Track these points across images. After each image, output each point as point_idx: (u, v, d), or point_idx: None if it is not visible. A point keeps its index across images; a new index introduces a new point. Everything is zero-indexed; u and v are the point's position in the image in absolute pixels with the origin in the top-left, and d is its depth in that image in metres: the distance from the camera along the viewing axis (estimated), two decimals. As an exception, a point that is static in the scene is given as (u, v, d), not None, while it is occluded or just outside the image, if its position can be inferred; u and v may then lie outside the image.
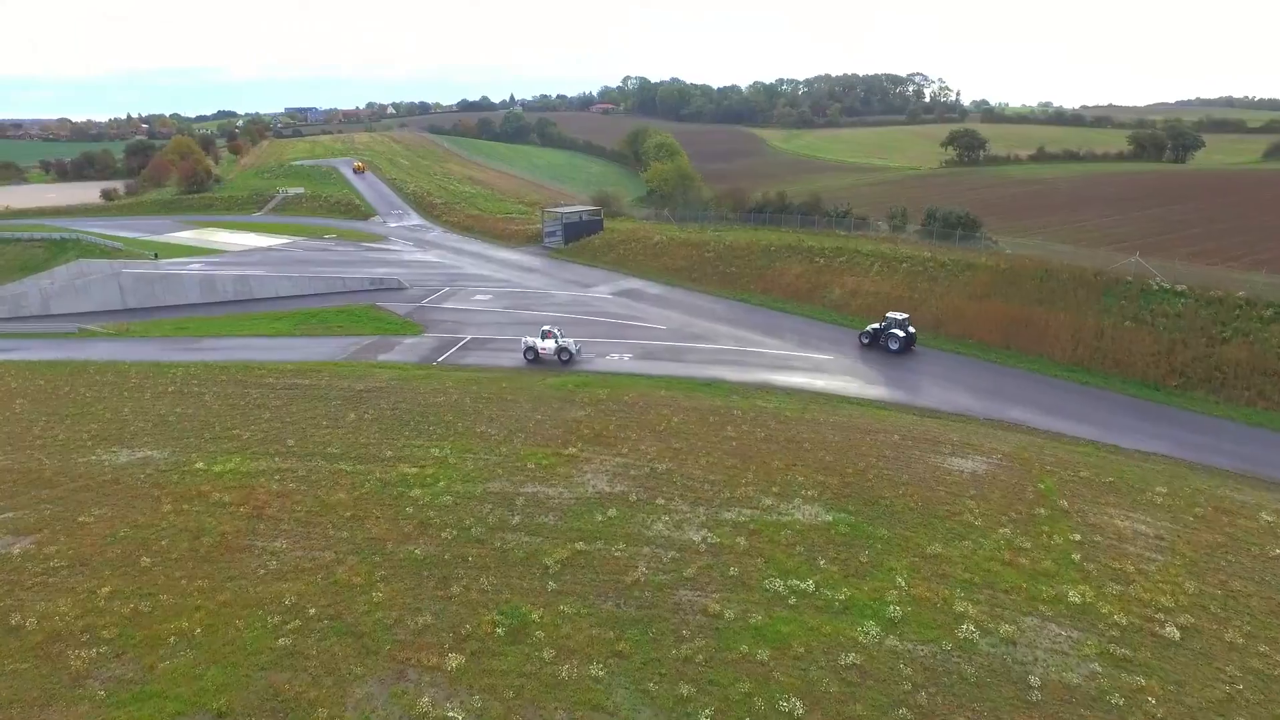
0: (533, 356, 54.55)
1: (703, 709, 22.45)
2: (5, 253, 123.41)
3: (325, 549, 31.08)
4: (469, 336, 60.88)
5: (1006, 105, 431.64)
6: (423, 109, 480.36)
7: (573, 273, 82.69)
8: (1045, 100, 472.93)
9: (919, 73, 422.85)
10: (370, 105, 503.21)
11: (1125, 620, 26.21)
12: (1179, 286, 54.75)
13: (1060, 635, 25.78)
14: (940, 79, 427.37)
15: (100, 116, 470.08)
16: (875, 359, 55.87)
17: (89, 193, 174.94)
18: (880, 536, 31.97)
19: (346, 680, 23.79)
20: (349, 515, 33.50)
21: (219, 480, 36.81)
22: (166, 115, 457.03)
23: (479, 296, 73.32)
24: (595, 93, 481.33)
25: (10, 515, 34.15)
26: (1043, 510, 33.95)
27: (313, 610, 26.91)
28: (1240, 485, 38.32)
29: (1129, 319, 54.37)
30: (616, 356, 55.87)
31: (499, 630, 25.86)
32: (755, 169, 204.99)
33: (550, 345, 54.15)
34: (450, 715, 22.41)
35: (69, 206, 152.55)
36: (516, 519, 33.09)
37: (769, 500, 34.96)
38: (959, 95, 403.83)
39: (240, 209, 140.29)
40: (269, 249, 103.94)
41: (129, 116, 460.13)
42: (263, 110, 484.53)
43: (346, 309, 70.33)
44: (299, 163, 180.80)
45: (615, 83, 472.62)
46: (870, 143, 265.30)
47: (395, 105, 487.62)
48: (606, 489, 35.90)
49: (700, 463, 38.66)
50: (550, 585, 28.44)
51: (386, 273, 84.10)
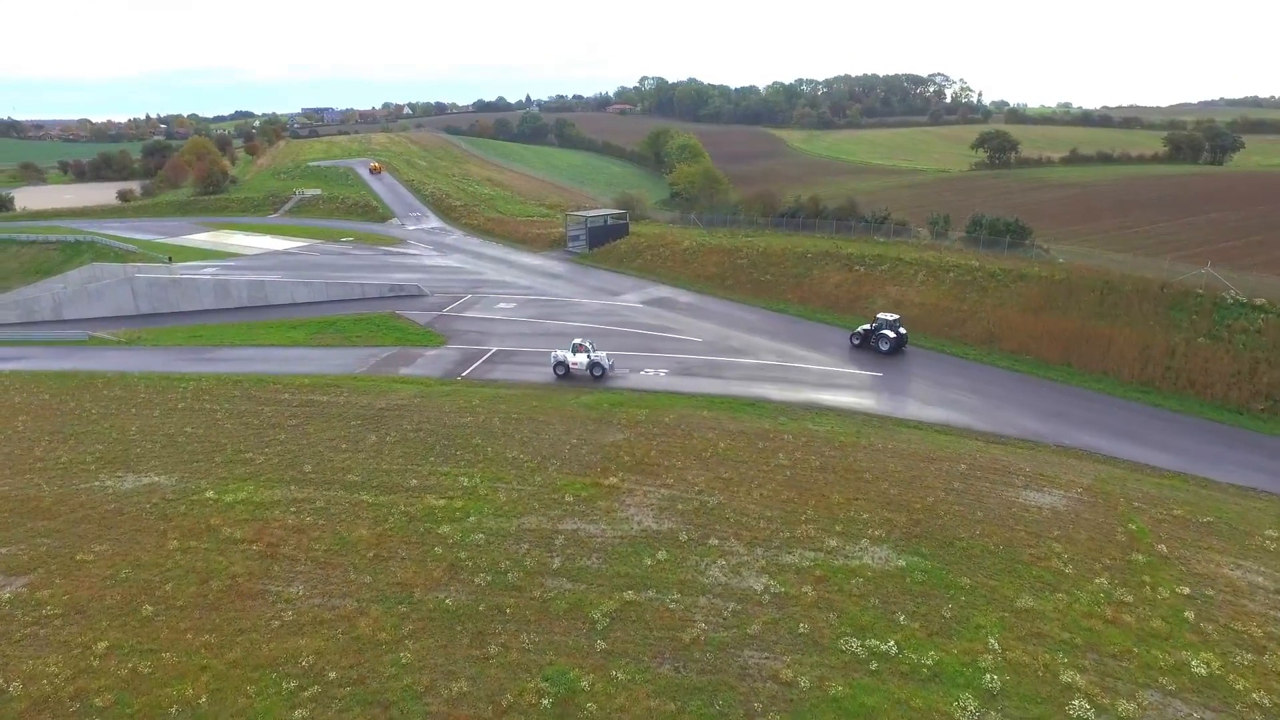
0: (563, 372, 51.40)
1: (790, 813, 19.20)
2: (21, 255, 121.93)
3: (346, 596, 28.02)
4: (494, 348, 57.81)
5: (1026, 106, 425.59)
6: (439, 109, 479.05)
7: (599, 279, 79.51)
8: (1064, 101, 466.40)
9: (940, 73, 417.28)
10: (386, 106, 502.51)
11: (1268, 701, 22.69)
12: (1257, 300, 50.95)
13: (1192, 718, 22.31)
14: (961, 79, 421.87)
15: (120, 117, 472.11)
16: (925, 375, 52.35)
17: (106, 193, 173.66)
18: (962, 586, 28.57)
19: (372, 767, 20.71)
20: (372, 555, 30.44)
21: (230, 512, 33.84)
22: (184, 116, 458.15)
23: (502, 305, 70.28)
24: (612, 93, 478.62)
25: (3, 551, 31.30)
26: (1140, 556, 30.42)
27: (333, 674, 23.81)
28: (1354, 527, 34.64)
29: (1202, 335, 50.60)
30: (651, 372, 52.63)
31: (544, 701, 22.70)
32: (777, 171, 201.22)
33: (582, 360, 50.98)
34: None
35: (85, 208, 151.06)
36: (557, 562, 29.92)
37: (833, 541, 31.64)
38: (980, 96, 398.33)
39: (256, 210, 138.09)
40: (285, 252, 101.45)
41: (147, 117, 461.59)
42: (280, 111, 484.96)
43: (365, 317, 67.47)
44: (315, 164, 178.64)
45: (631, 83, 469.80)
46: (893, 144, 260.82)
47: (411, 106, 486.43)
48: (653, 526, 32.69)
49: (753, 495, 35.38)
50: (599, 644, 25.24)
51: (406, 279, 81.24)
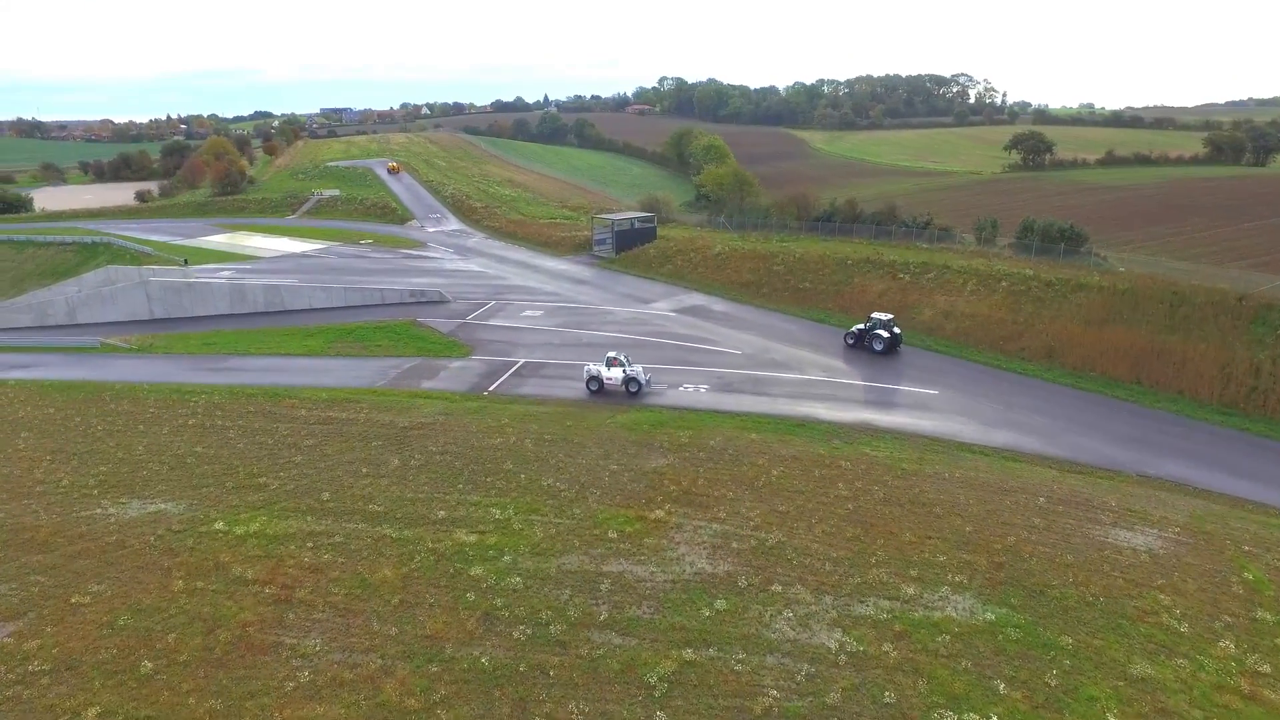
0: (596, 387, 48.18)
1: None
2: (37, 256, 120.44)
3: (369, 650, 24.90)
4: (521, 360, 54.67)
5: (1048, 106, 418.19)
6: (457, 109, 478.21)
7: (628, 286, 76.25)
8: (1086, 101, 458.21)
9: (963, 73, 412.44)
10: (404, 106, 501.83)
11: None
12: (1351, 315, 46.99)
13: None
14: (985, 80, 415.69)
15: (141, 118, 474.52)
16: (984, 393, 48.68)
17: (125, 194, 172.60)
18: (1063, 647, 25.09)
19: None
20: (397, 601, 27.31)
21: (241, 547, 30.83)
22: (204, 116, 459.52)
23: (529, 312, 67.15)
24: (630, 94, 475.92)
25: (-7, 591, 28.44)
26: (1267, 615, 26.81)
27: (355, 753, 20.69)
28: None
29: (1290, 353, 46.68)
30: (690, 388, 49.31)
31: (600, 793, 19.45)
32: (801, 172, 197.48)
33: (617, 374, 47.74)
34: None
35: (103, 208, 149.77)
36: (604, 611, 26.67)
37: (909, 588, 28.22)
38: (1005, 96, 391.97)
39: (274, 211, 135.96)
40: (302, 255, 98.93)
41: (168, 117, 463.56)
42: (298, 111, 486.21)
43: (385, 325, 64.54)
44: (334, 164, 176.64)
45: (649, 83, 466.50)
46: (918, 145, 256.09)
47: (429, 106, 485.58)
48: (708, 568, 29.40)
49: (815, 532, 32.02)
50: (658, 715, 21.99)
51: (427, 283, 78.35)
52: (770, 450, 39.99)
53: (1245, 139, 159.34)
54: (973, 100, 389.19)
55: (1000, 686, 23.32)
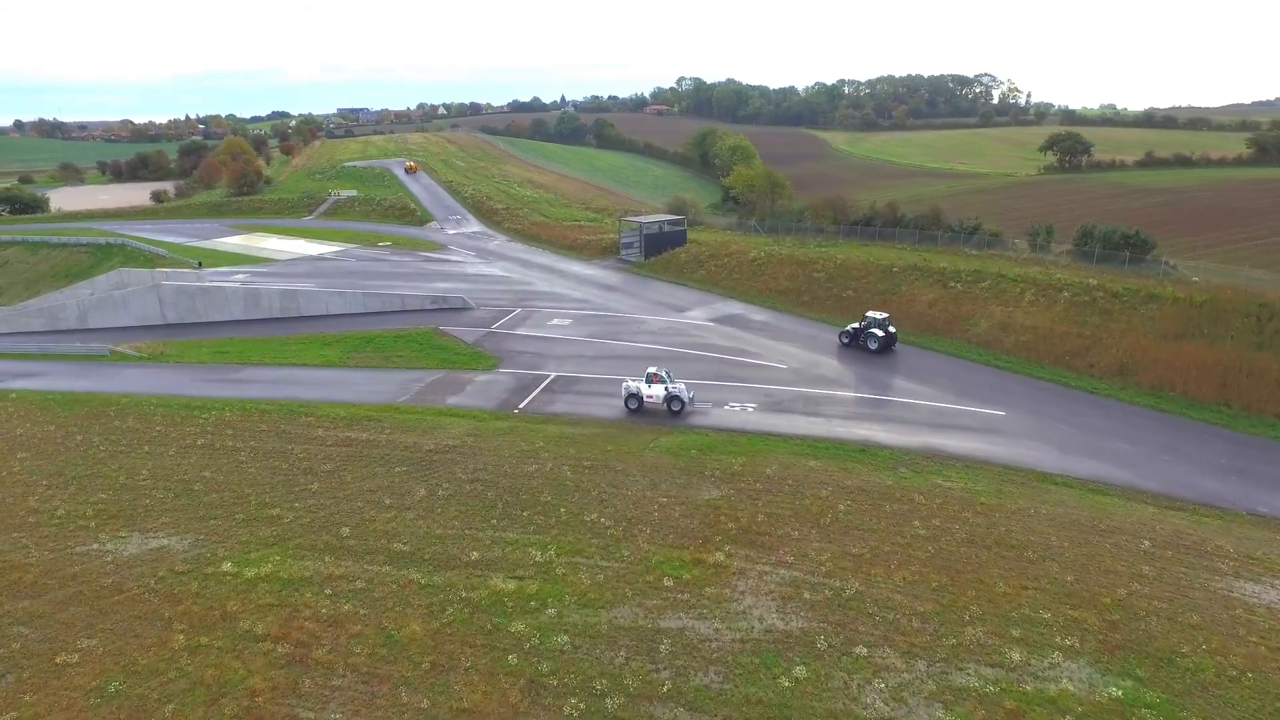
0: (635, 405, 44.54)
1: None
2: (51, 258, 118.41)
3: (396, 729, 21.40)
4: (552, 374, 51.08)
5: (1067, 107, 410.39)
6: (473, 110, 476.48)
7: (659, 292, 72.56)
8: (1108, 102, 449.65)
9: (987, 73, 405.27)
10: (421, 106, 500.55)
11: None
12: None
13: None
14: (1009, 80, 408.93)
15: (161, 118, 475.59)
16: (1056, 415, 44.66)
17: (141, 194, 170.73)
18: (1213, 736, 21.22)
19: None
20: (428, 665, 23.79)
21: (251, 593, 27.41)
22: (222, 116, 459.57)
23: (557, 321, 63.58)
24: (647, 94, 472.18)
25: (-29, 646, 25.14)
26: None
27: None
28: None
29: (1400, 373, 42.45)
30: (737, 406, 45.57)
31: None
32: (826, 174, 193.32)
33: (659, 392, 44.07)
34: None
35: (118, 209, 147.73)
36: (665, 679, 23.06)
37: (1014, 652, 24.44)
38: (1029, 97, 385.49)
39: (290, 212, 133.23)
40: (319, 257, 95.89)
41: (186, 118, 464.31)
42: (315, 111, 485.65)
43: (405, 333, 61.18)
44: (351, 164, 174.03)
45: (666, 84, 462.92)
46: (943, 147, 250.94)
47: (446, 106, 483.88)
48: (779, 624, 25.73)
49: (895, 580, 28.27)
50: (741, 824, 18.33)
51: (448, 289, 75.04)
52: (832, 480, 36.25)
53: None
54: (996, 101, 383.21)
55: (1146, 787, 19.55)
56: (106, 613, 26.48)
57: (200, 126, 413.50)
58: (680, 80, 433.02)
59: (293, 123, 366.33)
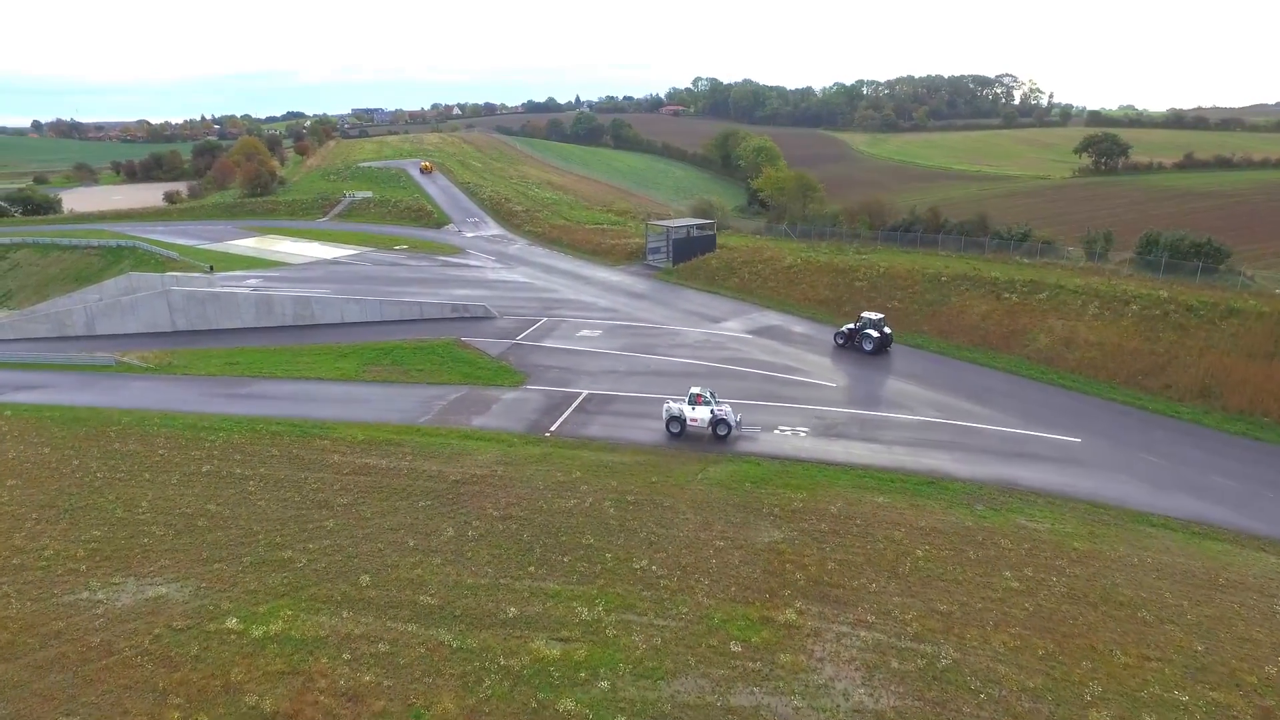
0: (678, 429, 40.90)
1: None
2: (62, 260, 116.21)
3: (428, 842, 17.86)
4: (584, 391, 47.50)
5: (1085, 108, 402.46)
6: (488, 110, 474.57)
7: (690, 301, 68.89)
8: (1126, 103, 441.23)
9: (1008, 73, 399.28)
10: (435, 106, 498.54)
11: None
12: None
13: None
14: (1031, 80, 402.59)
15: (177, 119, 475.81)
16: (1138, 443, 40.68)
17: (154, 194, 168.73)
18: None
19: None
20: (463, 755, 20.26)
21: (258, 656, 23.95)
22: (237, 116, 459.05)
23: (585, 331, 60.02)
24: (663, 94, 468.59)
25: (-64, 722, 21.82)
26: None
27: None
28: None
29: None
30: (787, 430, 41.86)
31: None
32: (848, 176, 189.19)
33: (703, 414, 40.43)
34: None
35: (131, 210, 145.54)
36: (744, 782, 19.42)
37: (1153, 746, 20.66)
38: (1051, 97, 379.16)
39: (305, 214, 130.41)
40: (334, 261, 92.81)
41: (202, 118, 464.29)
42: (330, 112, 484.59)
43: (425, 344, 57.78)
44: (366, 164, 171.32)
45: (682, 84, 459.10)
46: (967, 148, 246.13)
47: (460, 106, 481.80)
48: (868, 701, 22.12)
49: (994, 645, 24.57)
50: None
51: (469, 296, 71.67)
52: (904, 520, 32.52)
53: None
54: (1017, 102, 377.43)
55: None
56: (92, 681, 23.07)
57: (215, 127, 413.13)
58: (696, 81, 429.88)
59: (307, 123, 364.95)
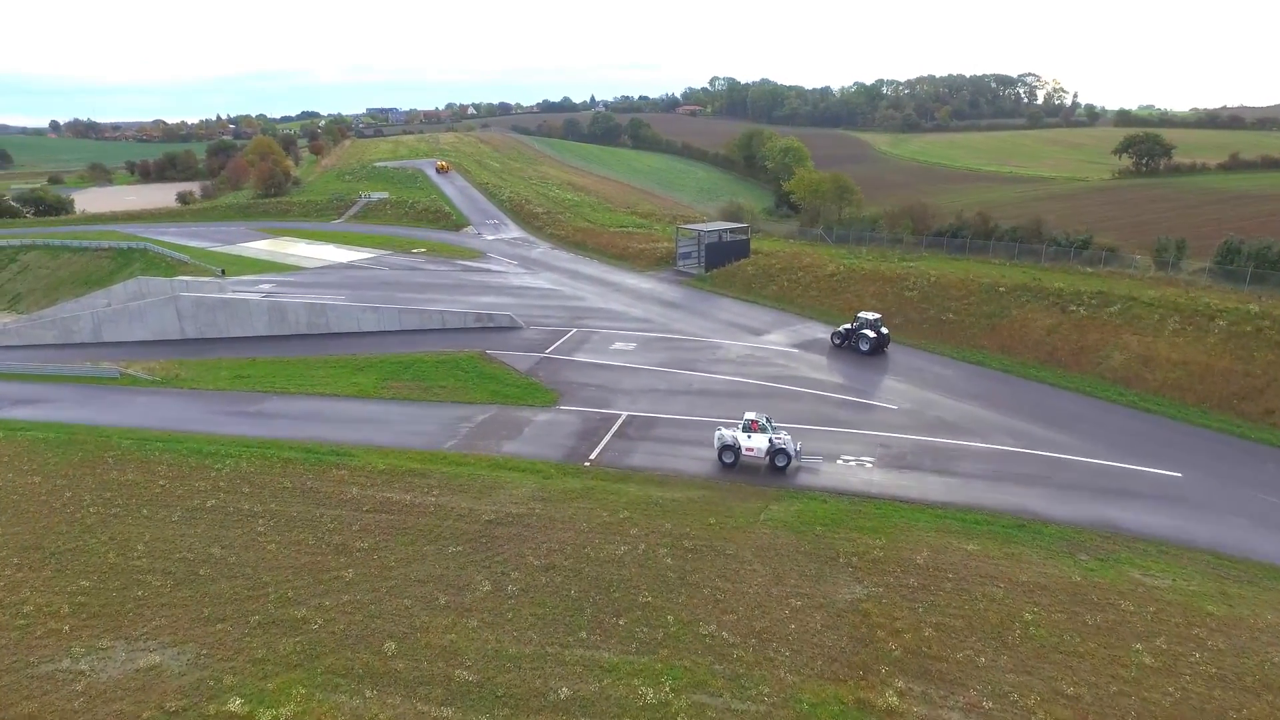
0: (732, 459, 36.91)
1: None
2: (72, 263, 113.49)
3: None
4: (623, 413, 43.55)
5: (1104, 108, 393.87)
6: (503, 109, 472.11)
7: (729, 311, 64.78)
8: (1146, 103, 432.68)
9: (1030, 73, 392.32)
10: (450, 106, 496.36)
11: None
12: None
13: None
14: (1054, 80, 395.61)
15: (193, 119, 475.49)
16: (1246, 478, 36.32)
17: (167, 195, 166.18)
18: None
19: None
20: None
21: (267, 751, 20.16)
22: (252, 116, 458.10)
23: (619, 345, 56.07)
24: (679, 94, 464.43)
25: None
26: None
27: None
28: None
29: None
30: (852, 461, 37.77)
31: None
32: (874, 177, 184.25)
33: (760, 443, 36.42)
34: None
35: (143, 210, 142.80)
36: None
37: None
38: (1075, 97, 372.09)
39: (319, 215, 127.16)
40: (349, 265, 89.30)
41: (218, 118, 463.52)
42: (345, 111, 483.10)
43: (448, 357, 53.99)
44: (382, 164, 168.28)
45: (698, 84, 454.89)
46: (992, 149, 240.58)
47: (475, 106, 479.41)
48: (1006, 828, 17.96)
49: (1146, 749, 20.41)
50: None
51: (493, 304, 67.89)
52: (1001, 573, 28.40)
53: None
54: (1041, 101, 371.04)
55: None
56: (69, 783, 19.34)
57: (230, 126, 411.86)
58: (713, 80, 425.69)
59: (322, 122, 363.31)
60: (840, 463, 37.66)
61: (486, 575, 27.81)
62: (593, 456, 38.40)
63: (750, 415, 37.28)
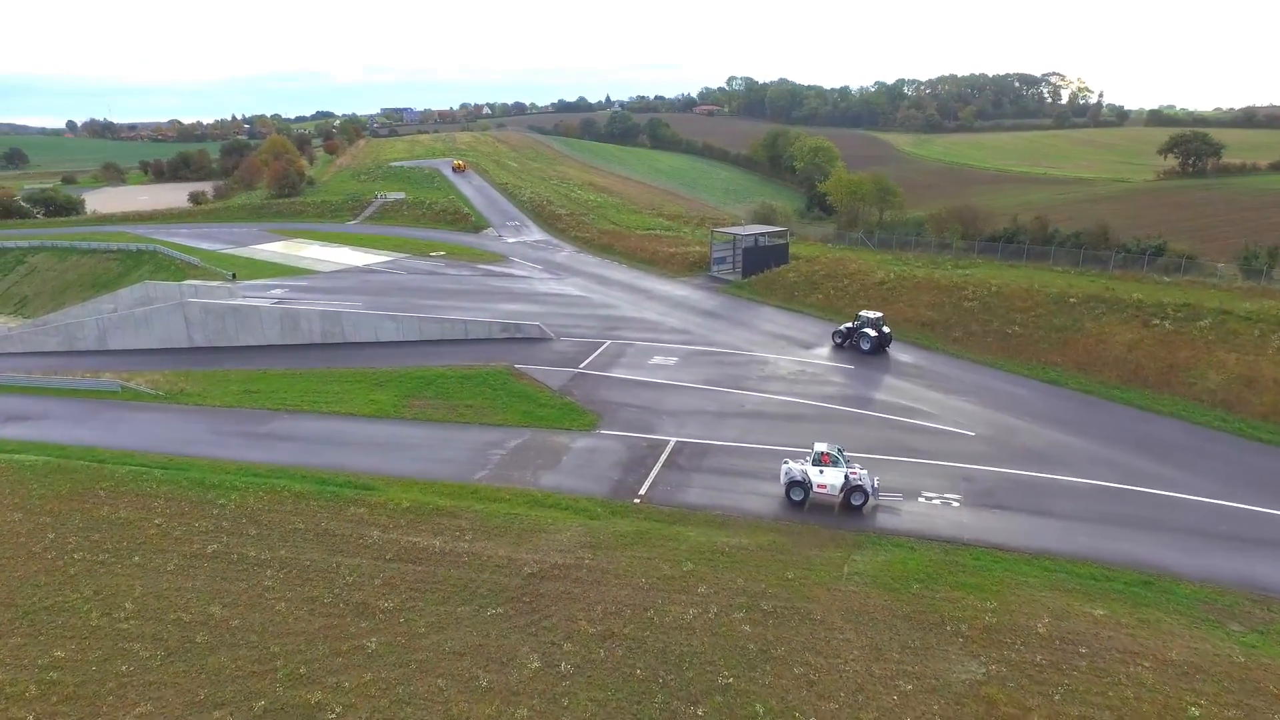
0: (801, 496, 32.57)
1: None
2: (80, 265, 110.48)
3: None
4: (672, 439, 39.22)
5: (1124, 107, 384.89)
6: (518, 109, 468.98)
7: (771, 321, 60.36)
8: (1167, 103, 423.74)
9: (1054, 72, 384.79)
10: (465, 106, 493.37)
11: None
12: None
13: None
14: (1079, 79, 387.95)
15: (208, 119, 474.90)
16: None
17: (180, 195, 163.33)
18: None
19: None
20: None
21: None
22: (267, 116, 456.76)
23: (658, 359, 51.77)
24: (695, 94, 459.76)
25: None
26: None
27: None
28: None
29: None
30: (935, 499, 33.31)
31: None
32: (901, 177, 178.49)
33: (833, 480, 32.04)
34: None
35: (154, 211, 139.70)
36: None
37: None
38: (1101, 96, 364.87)
39: (334, 216, 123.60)
40: (365, 269, 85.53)
41: (233, 118, 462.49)
42: (359, 111, 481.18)
43: (474, 372, 49.87)
44: (398, 164, 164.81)
45: (715, 84, 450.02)
46: (1019, 150, 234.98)
47: (490, 106, 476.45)
48: None
49: None
50: None
51: (519, 312, 63.70)
52: (1143, 648, 23.89)
53: None
54: (1065, 101, 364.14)
55: None
56: None
57: (245, 126, 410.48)
58: (731, 80, 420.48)
59: (337, 122, 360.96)
60: (922, 500, 33.20)
61: (534, 646, 23.55)
62: (642, 492, 34.07)
63: (821, 447, 32.90)
